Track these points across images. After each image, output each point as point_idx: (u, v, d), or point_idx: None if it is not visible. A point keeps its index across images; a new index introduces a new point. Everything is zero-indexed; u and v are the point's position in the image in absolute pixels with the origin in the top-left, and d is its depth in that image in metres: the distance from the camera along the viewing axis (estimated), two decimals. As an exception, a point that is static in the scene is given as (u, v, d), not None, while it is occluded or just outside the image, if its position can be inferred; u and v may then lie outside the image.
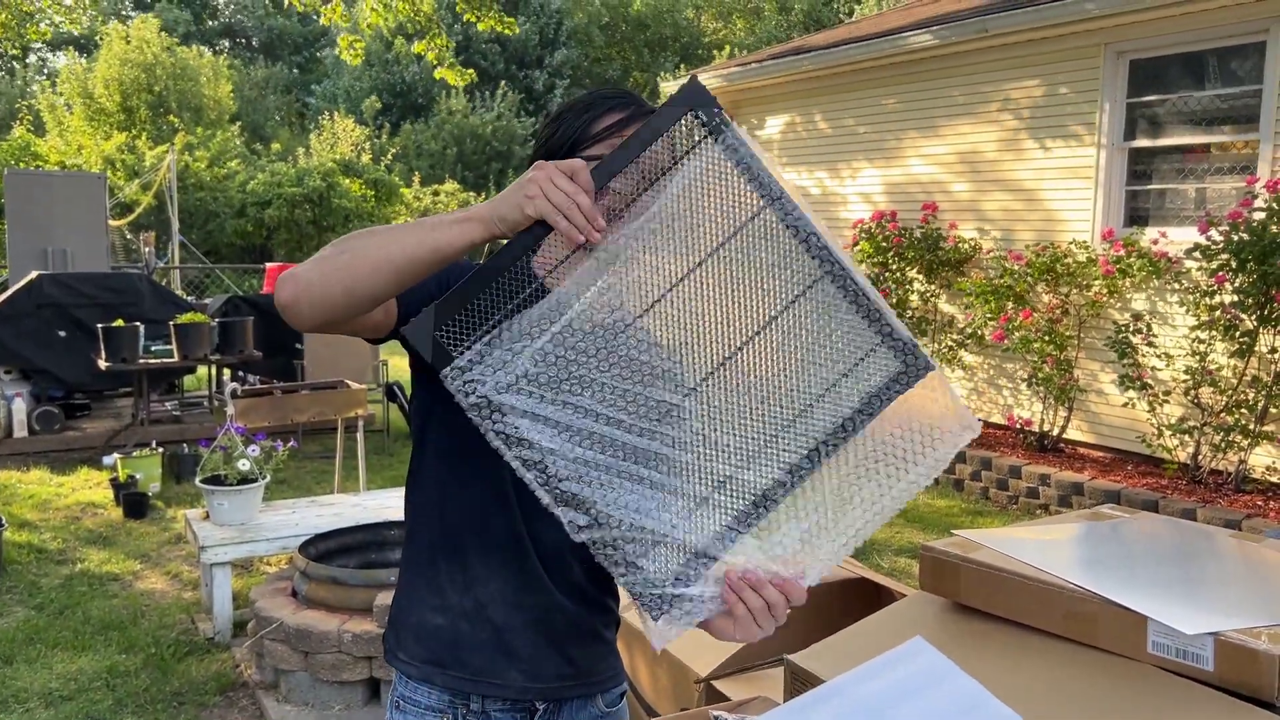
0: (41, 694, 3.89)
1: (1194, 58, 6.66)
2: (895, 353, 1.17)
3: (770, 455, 1.18)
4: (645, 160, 1.17)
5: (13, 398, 7.61)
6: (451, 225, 1.18)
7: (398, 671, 1.53)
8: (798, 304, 1.17)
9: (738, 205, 1.16)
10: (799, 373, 1.17)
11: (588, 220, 1.13)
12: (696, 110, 1.16)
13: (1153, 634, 1.47)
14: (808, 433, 1.17)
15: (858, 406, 1.17)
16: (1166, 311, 6.62)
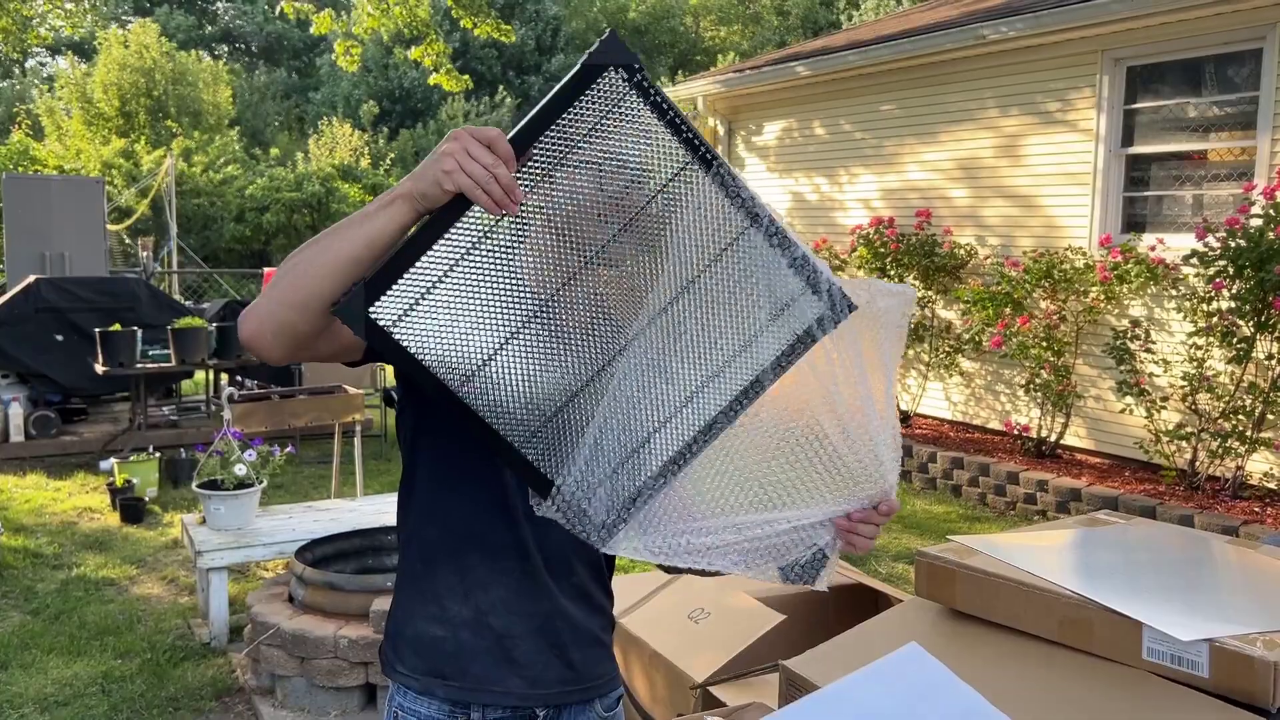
0: (37, 699, 3.88)
1: (1191, 64, 6.68)
2: (820, 296, 1.20)
3: (705, 399, 1.22)
4: (567, 120, 1.14)
5: (9, 402, 7.60)
6: (379, 212, 1.18)
7: (396, 684, 1.51)
8: (726, 255, 1.19)
9: (663, 161, 1.16)
10: (731, 320, 1.20)
11: (506, 193, 1.11)
12: (617, 67, 1.13)
13: (1148, 640, 1.47)
14: (742, 374, 1.21)
15: (788, 346, 1.20)
16: (1164, 318, 6.63)
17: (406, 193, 1.16)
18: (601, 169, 1.15)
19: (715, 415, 1.22)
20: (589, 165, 1.15)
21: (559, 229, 1.16)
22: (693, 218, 1.18)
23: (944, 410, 8.25)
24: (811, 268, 1.20)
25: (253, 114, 34.01)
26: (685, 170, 1.16)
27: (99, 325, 7.62)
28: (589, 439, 1.22)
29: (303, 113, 36.80)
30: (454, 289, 1.17)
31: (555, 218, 1.16)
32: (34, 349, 7.89)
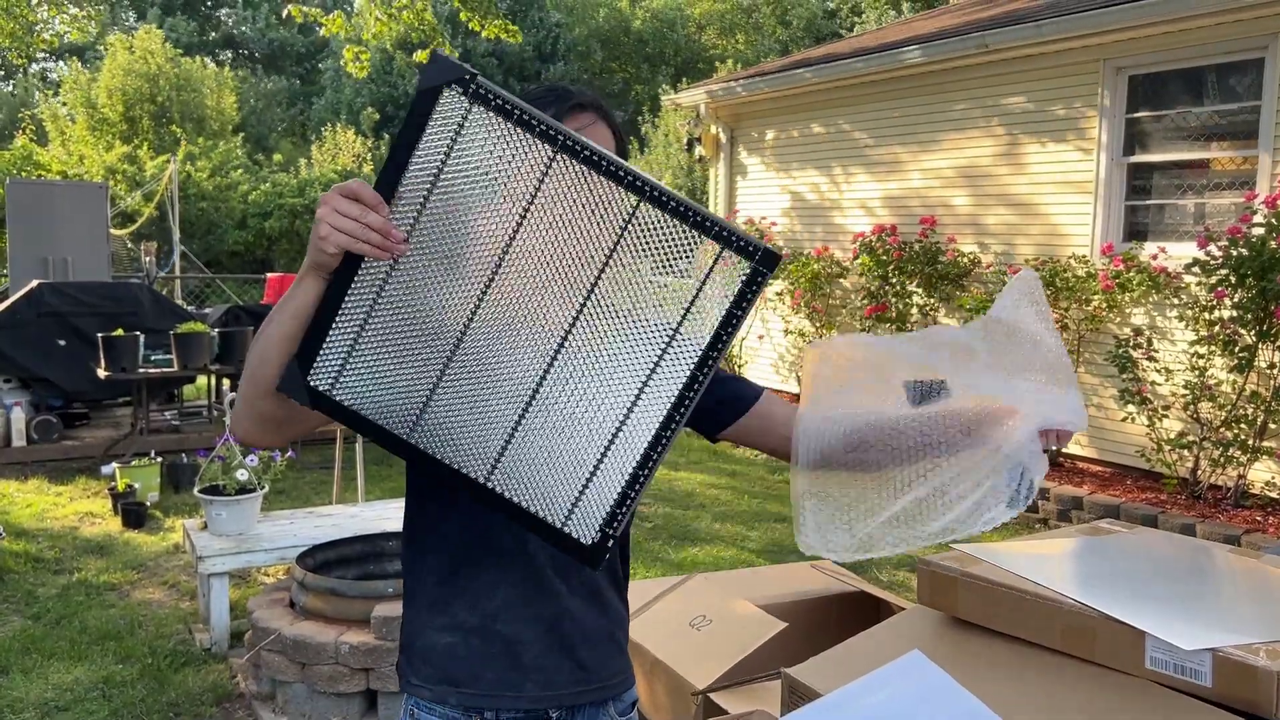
0: (37, 704, 3.88)
1: (1193, 73, 6.69)
2: (740, 253, 1.12)
3: (658, 385, 1.16)
4: (423, 150, 1.13)
5: (12, 406, 7.61)
6: (295, 290, 1.21)
7: (411, 696, 1.51)
8: (627, 236, 1.13)
9: (528, 162, 1.12)
10: (655, 298, 1.14)
11: (383, 236, 1.13)
12: (451, 84, 1.10)
13: (1151, 649, 1.47)
14: (682, 359, 1.15)
15: (723, 318, 1.14)
16: (1166, 326, 6.63)
17: (308, 265, 1.19)
18: (470, 188, 1.13)
19: (680, 391, 1.16)
20: (457, 187, 1.13)
21: (450, 258, 1.15)
22: (579, 210, 1.13)
23: (946, 418, 8.24)
24: (722, 226, 1.12)
25: (256, 120, 34.10)
26: (554, 164, 1.11)
27: (101, 330, 7.63)
28: (545, 462, 1.19)
29: (305, 119, 36.90)
30: (375, 340, 1.19)
31: (443, 247, 1.15)
32: (36, 354, 7.90)
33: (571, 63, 35.96)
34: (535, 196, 1.12)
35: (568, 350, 1.17)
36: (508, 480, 1.20)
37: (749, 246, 1.11)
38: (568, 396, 1.18)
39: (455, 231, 1.14)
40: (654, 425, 1.17)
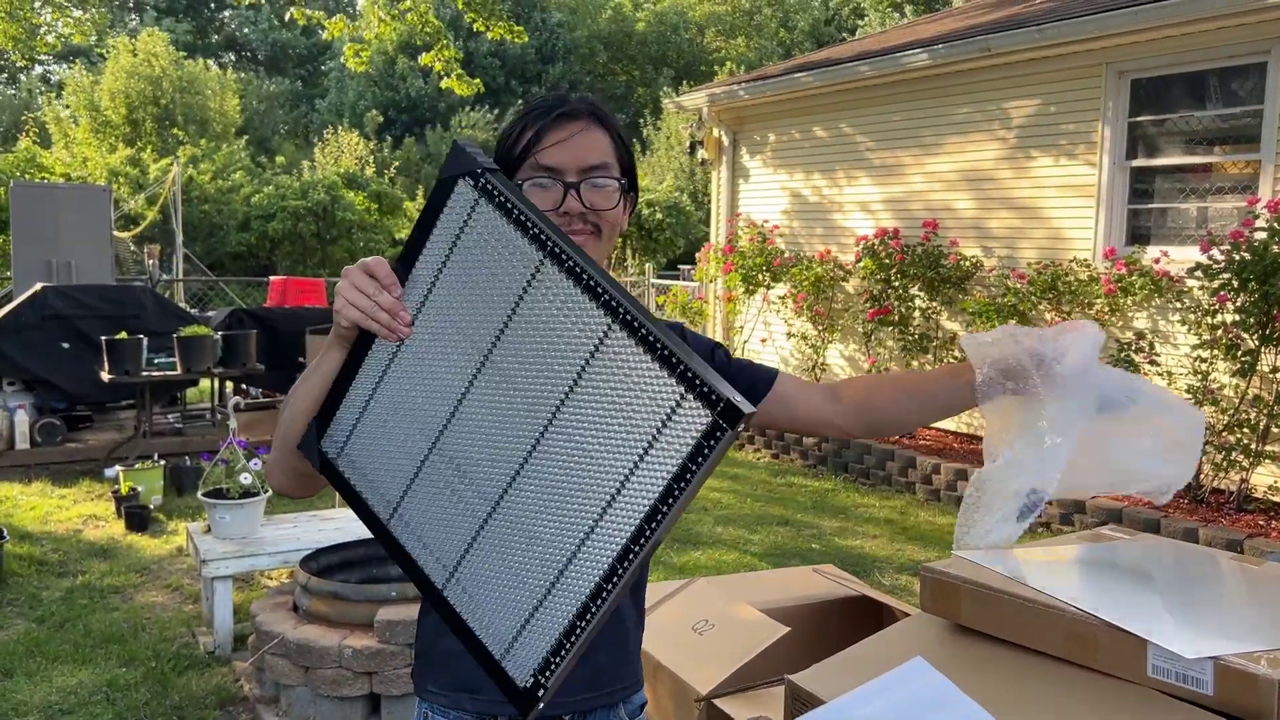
0: (41, 707, 3.89)
1: (1195, 77, 6.69)
2: (701, 400, 0.96)
3: (598, 540, 1.04)
4: (436, 236, 1.14)
5: (15, 409, 7.63)
6: (323, 359, 1.26)
7: (427, 703, 1.52)
8: (595, 360, 1.03)
9: (519, 263, 1.07)
10: (611, 439, 1.03)
11: (392, 318, 1.16)
12: (466, 175, 1.11)
13: (1153, 657, 1.47)
14: (631, 508, 1.01)
15: (675, 472, 0.98)
16: (1168, 330, 6.63)
17: (332, 335, 1.24)
18: (468, 281, 1.12)
19: (624, 544, 1.02)
20: (458, 278, 1.13)
21: (446, 349, 1.15)
22: (556, 320, 1.05)
23: (949, 421, 8.26)
24: (689, 366, 0.97)
25: (259, 122, 34.15)
26: (540, 270, 1.06)
27: (105, 333, 7.65)
28: (496, 582, 1.13)
29: (308, 121, 36.93)
30: (376, 418, 1.19)
31: (442, 337, 1.15)
32: (40, 356, 7.92)
33: (573, 64, 36.00)
34: (520, 300, 1.08)
35: (530, 468, 1.09)
36: (461, 594, 1.15)
37: (711, 395, 0.95)
38: (525, 517, 1.10)
39: (453, 323, 1.13)
40: (596, 576, 1.05)
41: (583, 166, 1.42)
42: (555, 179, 1.42)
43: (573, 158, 1.42)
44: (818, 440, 8.33)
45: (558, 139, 1.42)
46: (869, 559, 5.89)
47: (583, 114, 1.45)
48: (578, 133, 1.43)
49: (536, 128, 1.43)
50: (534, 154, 1.42)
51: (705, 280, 10.77)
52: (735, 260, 9.44)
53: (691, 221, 20.08)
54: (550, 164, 1.42)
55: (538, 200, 1.41)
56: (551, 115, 1.43)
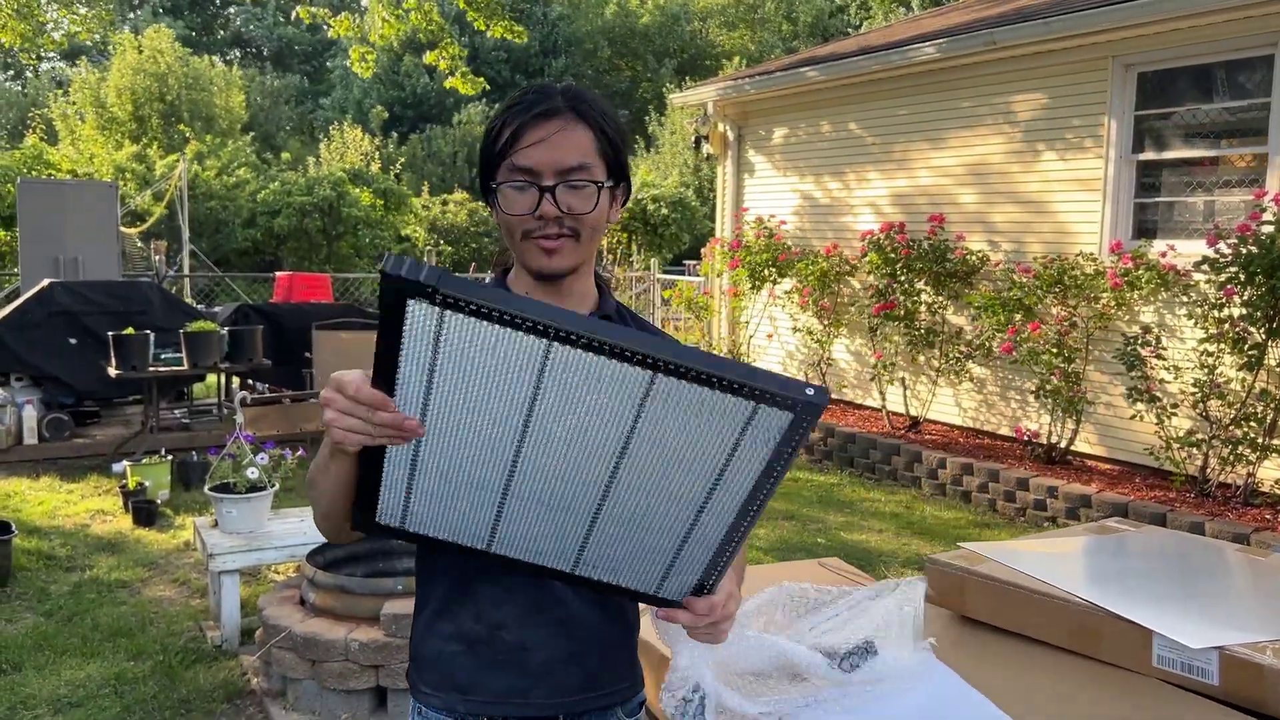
0: (50, 700, 3.91)
1: (1202, 70, 6.67)
2: (779, 406, 1.06)
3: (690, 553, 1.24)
4: (408, 355, 1.06)
5: (23, 405, 7.65)
6: (332, 462, 1.24)
7: (418, 703, 1.51)
8: (645, 414, 1.08)
9: (524, 357, 1.05)
10: (681, 474, 1.13)
11: (400, 429, 1.11)
12: (414, 296, 1.00)
13: (1158, 648, 1.47)
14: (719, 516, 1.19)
15: (763, 470, 1.13)
16: (1175, 324, 6.61)
17: (332, 449, 1.22)
18: (468, 382, 1.08)
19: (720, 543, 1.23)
20: (455, 384, 1.08)
21: (470, 431, 1.13)
22: (588, 393, 1.07)
23: (954, 416, 8.25)
24: (754, 386, 1.05)
25: (264, 118, 34.18)
26: (551, 354, 1.04)
27: (112, 329, 7.67)
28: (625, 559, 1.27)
29: (313, 118, 36.96)
30: (430, 475, 1.19)
31: (461, 423, 1.13)
32: (47, 352, 7.94)
33: (576, 58, 35.97)
34: (539, 386, 1.07)
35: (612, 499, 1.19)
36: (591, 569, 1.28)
37: (789, 400, 1.06)
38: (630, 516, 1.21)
39: (469, 413, 1.11)
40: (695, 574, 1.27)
41: (560, 168, 1.39)
42: (531, 181, 1.39)
43: (550, 159, 1.38)
44: (823, 435, 8.32)
45: (535, 139, 1.38)
46: (874, 553, 5.89)
47: (562, 111, 1.40)
48: (555, 132, 1.39)
49: (515, 126, 1.39)
50: (511, 154, 1.39)
51: (711, 275, 10.76)
52: (741, 255, 9.43)
53: (697, 217, 20.06)
54: (527, 165, 1.38)
55: (515, 203, 1.40)
56: (530, 114, 1.39)
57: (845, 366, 9.20)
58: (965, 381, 8.01)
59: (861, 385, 9.04)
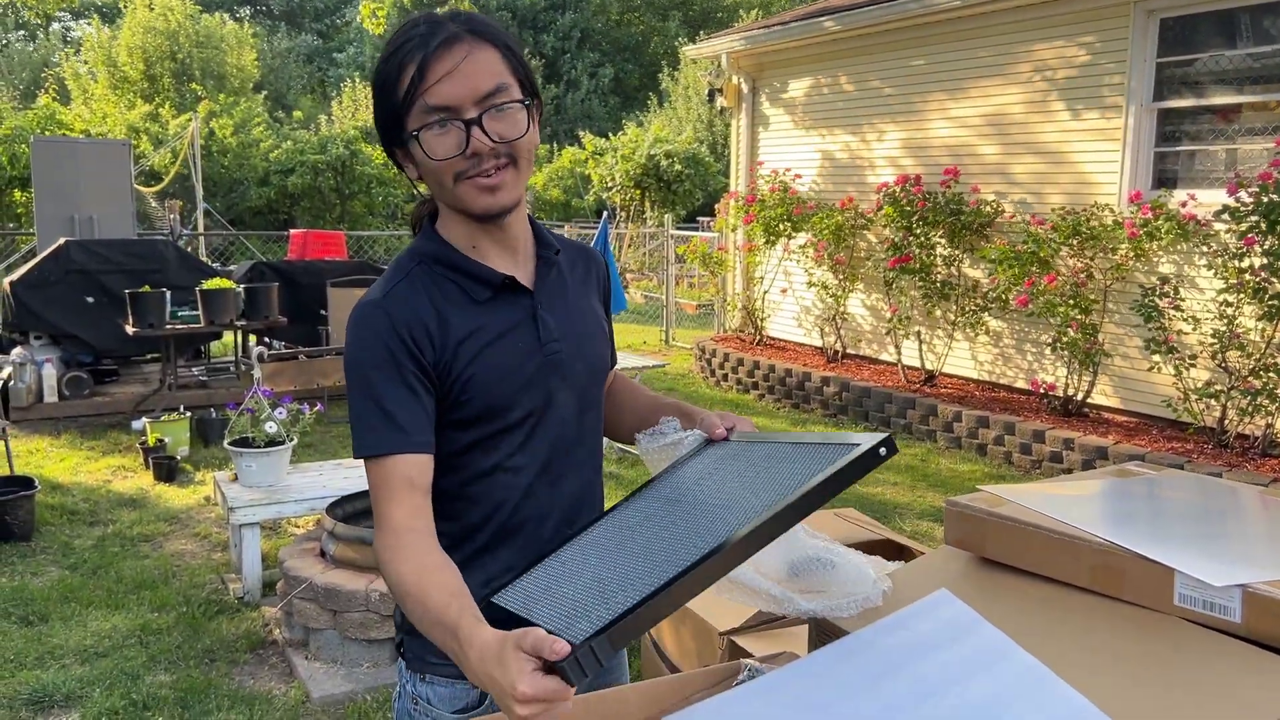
0: (76, 651, 3.97)
1: (1225, 16, 6.55)
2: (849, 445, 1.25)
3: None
4: None
5: (43, 363, 7.71)
6: (452, 650, 1.12)
7: (426, 675, 1.47)
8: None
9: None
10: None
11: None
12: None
13: (1180, 586, 1.47)
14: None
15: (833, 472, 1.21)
16: (1193, 275, 6.55)
17: (472, 675, 1.07)
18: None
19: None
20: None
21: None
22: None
23: (970, 369, 8.22)
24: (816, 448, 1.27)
25: (275, 77, 34.04)
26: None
27: (128, 287, 7.70)
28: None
29: (325, 76, 36.79)
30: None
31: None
32: (65, 311, 7.99)
33: (584, 11, 35.61)
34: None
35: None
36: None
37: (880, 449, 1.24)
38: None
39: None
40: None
41: (478, 97, 1.29)
42: (451, 118, 1.29)
43: (466, 89, 1.28)
44: (838, 389, 8.31)
45: (443, 71, 1.28)
46: (890, 505, 5.90)
47: (464, 35, 1.30)
48: (463, 59, 1.28)
49: (417, 64, 1.28)
50: (421, 95, 1.29)
51: (726, 230, 10.70)
52: (756, 210, 9.37)
53: (711, 173, 19.93)
54: (442, 103, 1.28)
55: (439, 146, 1.30)
56: (430, 47, 1.28)
57: (861, 321, 9.17)
58: (981, 335, 7.97)
59: (877, 339, 9.01)
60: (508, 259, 1.44)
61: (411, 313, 1.35)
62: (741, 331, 10.60)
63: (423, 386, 1.35)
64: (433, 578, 1.20)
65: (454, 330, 1.36)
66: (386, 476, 1.32)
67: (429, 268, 1.40)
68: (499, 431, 1.41)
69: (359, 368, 1.34)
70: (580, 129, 30.19)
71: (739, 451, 1.41)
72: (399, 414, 1.32)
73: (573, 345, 1.47)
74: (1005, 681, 1.34)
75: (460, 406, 1.38)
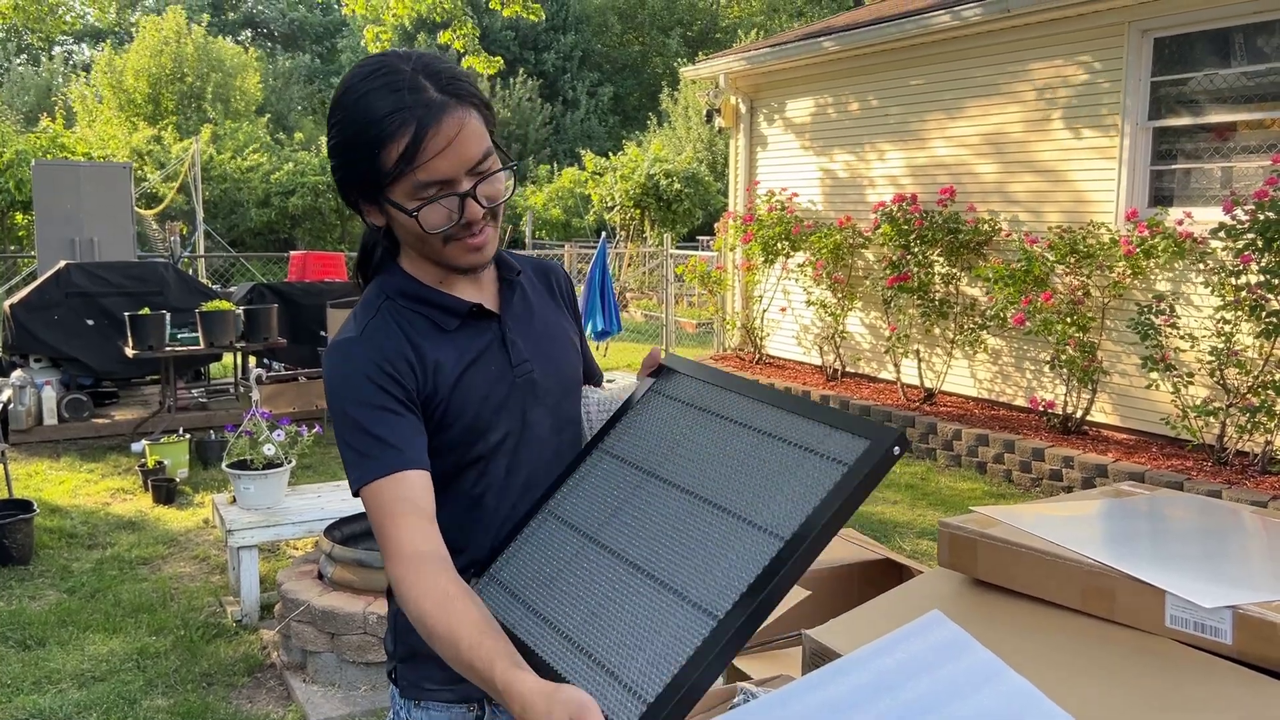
0: (74, 675, 3.96)
1: (1219, 35, 6.58)
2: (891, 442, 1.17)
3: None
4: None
5: (42, 385, 7.71)
6: (492, 690, 1.11)
7: (417, 701, 1.47)
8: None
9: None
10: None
11: None
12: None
13: (1171, 608, 1.47)
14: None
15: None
16: (1191, 292, 6.57)
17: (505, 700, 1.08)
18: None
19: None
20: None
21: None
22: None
23: (969, 387, 8.22)
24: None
25: (276, 99, 34.21)
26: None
27: (128, 309, 7.72)
28: None
29: (325, 97, 36.94)
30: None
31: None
32: (65, 333, 8.00)
33: (584, 33, 35.82)
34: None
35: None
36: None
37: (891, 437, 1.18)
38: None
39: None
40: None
41: (470, 166, 1.28)
42: (446, 192, 1.28)
43: (459, 161, 1.27)
44: (838, 407, 8.31)
45: (438, 149, 1.25)
46: (889, 524, 5.89)
47: (448, 104, 1.26)
48: (456, 133, 1.26)
49: (408, 138, 1.24)
50: (413, 172, 1.26)
51: (724, 249, 10.73)
52: (754, 229, 9.40)
53: (710, 192, 19.98)
54: (437, 179, 1.27)
55: (433, 218, 1.29)
56: (425, 122, 1.24)
57: (860, 339, 9.18)
58: (980, 353, 7.98)
59: (876, 358, 9.02)
60: (473, 287, 1.46)
61: (390, 346, 1.35)
62: (741, 350, 10.60)
63: (409, 410, 1.34)
64: (459, 615, 1.17)
65: (429, 359, 1.37)
66: (387, 499, 1.27)
67: (395, 303, 1.40)
68: (478, 456, 1.42)
69: (342, 404, 1.32)
70: (580, 148, 30.33)
71: (707, 423, 1.35)
72: (390, 436, 1.31)
73: (543, 365, 1.48)
74: (996, 703, 1.34)
75: (441, 431, 1.39)
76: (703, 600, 1.14)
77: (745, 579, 1.13)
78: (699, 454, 1.31)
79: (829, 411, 1.24)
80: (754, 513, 1.20)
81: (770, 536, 1.16)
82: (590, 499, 1.37)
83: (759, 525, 1.18)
